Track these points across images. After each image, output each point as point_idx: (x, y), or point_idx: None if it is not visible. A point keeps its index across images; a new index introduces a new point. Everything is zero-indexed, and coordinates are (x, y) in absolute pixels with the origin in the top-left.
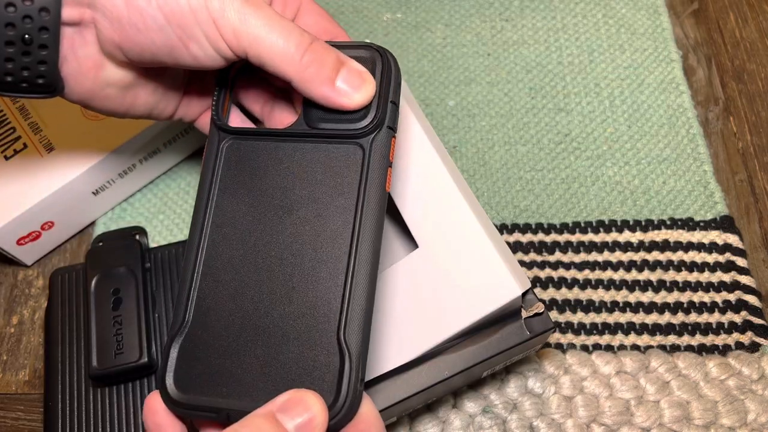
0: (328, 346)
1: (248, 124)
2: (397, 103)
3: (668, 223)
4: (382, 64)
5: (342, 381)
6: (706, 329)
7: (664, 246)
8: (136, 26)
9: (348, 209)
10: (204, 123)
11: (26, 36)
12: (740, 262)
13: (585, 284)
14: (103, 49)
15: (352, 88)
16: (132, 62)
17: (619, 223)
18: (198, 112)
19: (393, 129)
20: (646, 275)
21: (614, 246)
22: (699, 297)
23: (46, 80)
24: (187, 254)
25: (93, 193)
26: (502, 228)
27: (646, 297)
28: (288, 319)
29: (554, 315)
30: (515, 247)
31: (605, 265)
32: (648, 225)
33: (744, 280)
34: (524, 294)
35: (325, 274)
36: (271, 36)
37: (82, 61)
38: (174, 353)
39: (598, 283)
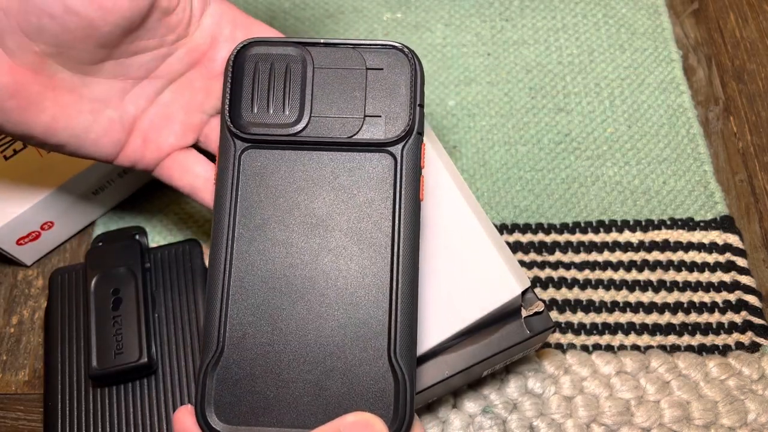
0: (380, 367)
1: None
2: (423, 105)
3: (668, 223)
4: (410, 67)
5: (399, 404)
6: (706, 329)
7: (664, 246)
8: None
9: (384, 222)
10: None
11: None
12: (740, 262)
13: (585, 284)
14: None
15: None
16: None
17: (619, 223)
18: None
19: (422, 133)
20: (646, 275)
21: (614, 246)
22: (699, 297)
23: None
24: (211, 276)
25: (93, 193)
26: (502, 228)
27: (646, 297)
28: (332, 340)
29: (554, 315)
30: (515, 247)
31: (605, 265)
32: (648, 225)
33: (744, 280)
34: (524, 293)
35: (368, 290)
36: None
37: None
38: (212, 383)
39: (598, 283)
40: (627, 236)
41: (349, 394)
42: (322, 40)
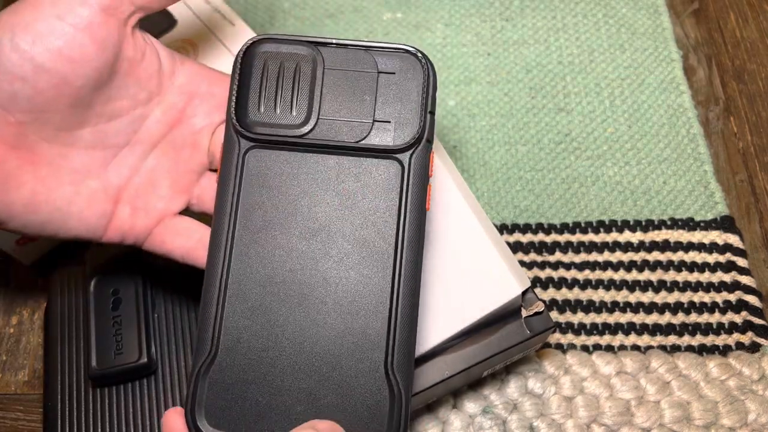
0: (376, 380)
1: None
2: (434, 113)
3: (668, 223)
4: (423, 72)
5: (393, 419)
6: (706, 329)
7: (665, 246)
8: None
9: (388, 230)
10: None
11: None
12: (741, 262)
13: (585, 284)
14: None
15: None
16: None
17: (619, 223)
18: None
19: (431, 141)
20: (646, 275)
21: (614, 246)
22: (699, 297)
23: None
24: (208, 276)
25: None
26: (502, 228)
27: (647, 297)
28: (328, 349)
29: (554, 315)
30: (515, 247)
31: (605, 266)
32: (648, 225)
33: (744, 280)
34: (524, 293)
35: (367, 300)
36: None
37: None
38: (204, 386)
39: (598, 284)
40: (627, 236)
41: (343, 406)
42: (333, 41)
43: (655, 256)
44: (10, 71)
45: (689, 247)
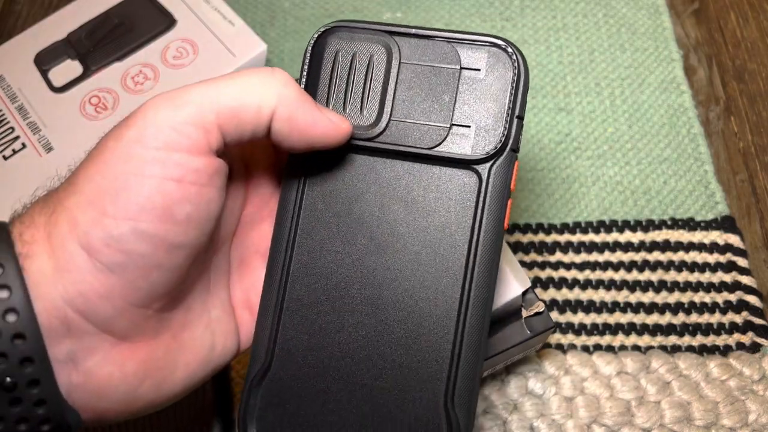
0: (434, 413)
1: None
2: (522, 117)
3: (669, 223)
4: (513, 70)
5: None
6: (707, 330)
7: (665, 246)
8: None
9: (459, 249)
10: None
11: (7, 380)
12: (741, 262)
13: (585, 284)
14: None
15: None
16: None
17: (619, 224)
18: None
19: (517, 150)
20: (646, 275)
21: (615, 246)
22: (700, 297)
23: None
24: (267, 283)
25: None
26: None
27: (647, 297)
28: (385, 372)
29: (555, 315)
30: (515, 247)
31: (606, 266)
32: (649, 225)
33: (745, 280)
34: (524, 293)
35: (431, 323)
36: None
37: (94, 371)
38: (257, 398)
39: (598, 284)
40: (627, 236)
41: None
42: (413, 30)
43: (656, 256)
44: (146, 264)
45: (690, 247)
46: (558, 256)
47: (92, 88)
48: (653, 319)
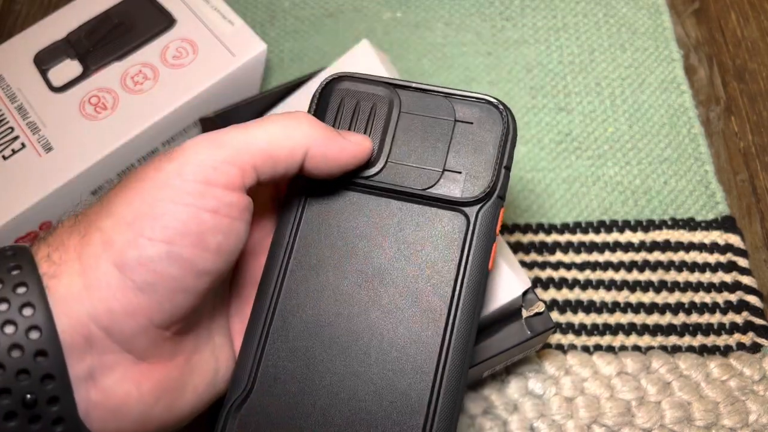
0: None
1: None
2: (510, 168)
3: (669, 223)
4: (502, 125)
5: None
6: (707, 330)
7: (665, 246)
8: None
9: (444, 287)
10: None
11: (28, 396)
12: (741, 262)
13: (586, 285)
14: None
15: None
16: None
17: (620, 224)
18: None
19: (503, 198)
20: (647, 275)
21: (615, 246)
22: (700, 297)
23: None
24: (255, 308)
25: (92, 192)
26: (503, 228)
27: (647, 297)
28: (365, 405)
29: (555, 316)
30: (515, 247)
31: (606, 266)
32: (649, 225)
33: (745, 280)
34: (525, 293)
35: (412, 358)
36: None
37: (111, 391)
38: (234, 423)
39: (599, 284)
40: (628, 236)
41: None
42: (414, 84)
43: (656, 256)
44: (173, 286)
45: (690, 247)
46: (558, 256)
47: (92, 87)
48: (653, 319)
